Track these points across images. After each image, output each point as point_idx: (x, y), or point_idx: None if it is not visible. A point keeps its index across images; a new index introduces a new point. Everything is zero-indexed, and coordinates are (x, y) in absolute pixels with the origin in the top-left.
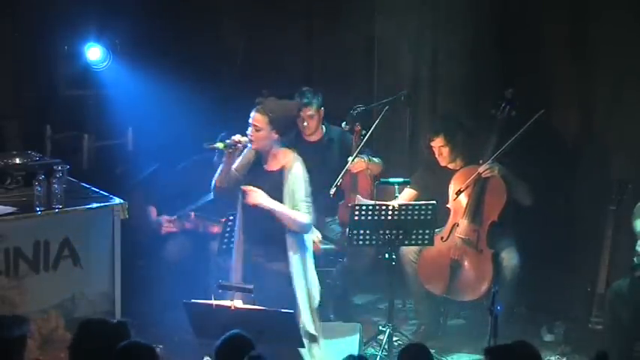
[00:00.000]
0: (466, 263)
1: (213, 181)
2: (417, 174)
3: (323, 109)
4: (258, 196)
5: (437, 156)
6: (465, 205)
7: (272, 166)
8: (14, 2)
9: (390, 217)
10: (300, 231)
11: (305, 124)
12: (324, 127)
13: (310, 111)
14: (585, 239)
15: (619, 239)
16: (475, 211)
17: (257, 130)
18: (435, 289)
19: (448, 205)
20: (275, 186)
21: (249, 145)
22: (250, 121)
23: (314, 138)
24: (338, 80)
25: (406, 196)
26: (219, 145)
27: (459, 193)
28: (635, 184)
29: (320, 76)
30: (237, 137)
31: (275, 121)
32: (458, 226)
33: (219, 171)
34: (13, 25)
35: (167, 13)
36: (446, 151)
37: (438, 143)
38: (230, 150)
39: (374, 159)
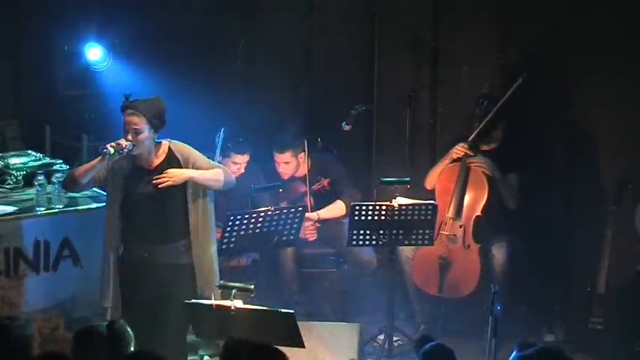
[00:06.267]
0: (454, 260)
1: (72, 171)
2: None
3: (306, 151)
4: (185, 172)
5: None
6: (449, 202)
7: (157, 163)
8: (15, 2)
9: (390, 217)
10: (229, 184)
11: (280, 170)
12: (309, 161)
13: (285, 158)
14: (585, 239)
15: (619, 239)
16: (459, 206)
17: (138, 133)
18: (429, 290)
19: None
20: None
21: (126, 150)
22: (127, 126)
23: (300, 174)
24: (338, 80)
25: None
26: (111, 149)
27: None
28: (635, 184)
29: (320, 75)
30: (123, 142)
31: (152, 120)
32: (445, 224)
33: (88, 165)
34: (14, 25)
35: (167, 13)
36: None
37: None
38: (115, 156)
39: None
